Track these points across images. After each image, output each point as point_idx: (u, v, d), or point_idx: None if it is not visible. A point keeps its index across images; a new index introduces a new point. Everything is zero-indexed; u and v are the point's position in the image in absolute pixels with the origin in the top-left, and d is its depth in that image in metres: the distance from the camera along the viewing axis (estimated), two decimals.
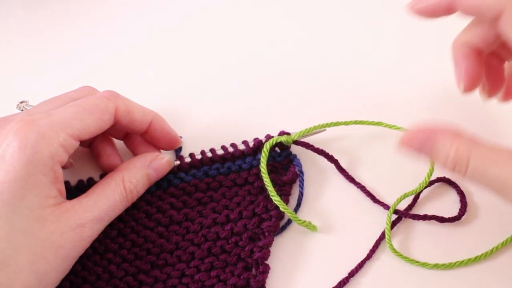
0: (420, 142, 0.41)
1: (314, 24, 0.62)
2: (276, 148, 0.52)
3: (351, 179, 0.51)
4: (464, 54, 0.46)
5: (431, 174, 0.49)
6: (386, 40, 0.60)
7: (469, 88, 0.46)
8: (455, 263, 0.47)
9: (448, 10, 0.44)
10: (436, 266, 0.47)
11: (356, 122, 0.53)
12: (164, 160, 0.49)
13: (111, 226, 0.47)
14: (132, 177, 0.46)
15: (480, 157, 0.39)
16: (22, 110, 0.50)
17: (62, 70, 0.59)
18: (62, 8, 0.64)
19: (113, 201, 0.45)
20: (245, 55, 0.60)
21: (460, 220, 0.49)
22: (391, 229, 0.49)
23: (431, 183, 0.51)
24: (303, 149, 0.51)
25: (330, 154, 0.51)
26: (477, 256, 0.47)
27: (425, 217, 0.49)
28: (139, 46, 0.61)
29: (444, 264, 0.47)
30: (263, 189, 0.50)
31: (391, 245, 0.48)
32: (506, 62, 0.49)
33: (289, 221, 0.50)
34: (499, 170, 0.38)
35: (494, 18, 0.42)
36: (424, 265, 0.47)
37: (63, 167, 0.43)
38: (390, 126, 0.53)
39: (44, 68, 0.60)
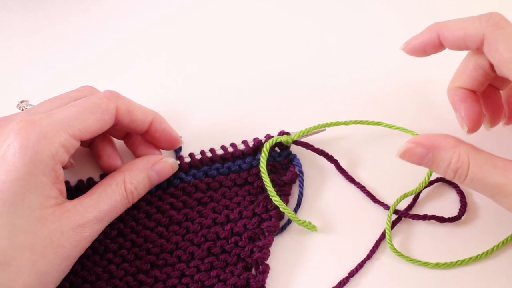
0: (421, 156, 0.43)
1: (315, 24, 0.62)
2: (276, 148, 0.52)
3: (351, 179, 0.51)
4: (460, 97, 0.49)
5: (430, 174, 0.50)
6: (386, 40, 0.61)
7: (472, 128, 0.49)
8: (456, 262, 0.47)
9: (436, 47, 0.48)
10: (437, 266, 0.47)
11: (356, 122, 0.53)
12: (167, 163, 0.49)
13: (111, 226, 0.47)
14: (134, 178, 0.46)
15: (479, 164, 0.41)
16: (23, 109, 0.50)
17: (62, 69, 0.59)
18: (62, 8, 0.64)
19: (113, 201, 0.45)
20: (245, 55, 0.60)
21: (460, 220, 0.49)
22: (391, 229, 0.49)
23: (431, 183, 0.51)
24: (303, 149, 0.52)
25: (330, 154, 0.51)
26: (478, 255, 0.47)
27: (425, 217, 0.49)
28: (139, 46, 0.61)
29: (445, 263, 0.47)
30: (263, 189, 0.50)
31: (392, 245, 0.48)
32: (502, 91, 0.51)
33: (289, 221, 0.50)
34: (496, 177, 0.41)
35: (479, 47, 0.45)
36: (426, 264, 0.47)
37: (64, 167, 0.43)
38: (390, 126, 0.53)
39: (44, 68, 0.59)
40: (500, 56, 0.43)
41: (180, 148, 0.53)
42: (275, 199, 0.48)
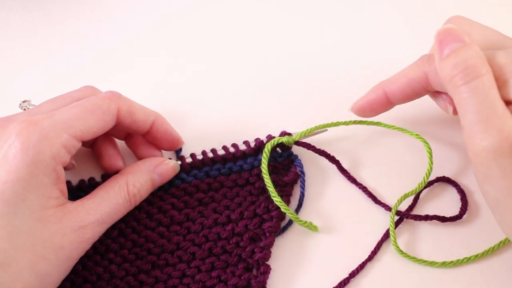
0: (456, 39, 0.42)
1: (316, 24, 0.63)
2: (278, 149, 0.52)
3: (353, 180, 0.51)
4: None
5: (429, 174, 0.50)
6: (387, 40, 0.61)
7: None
8: (463, 259, 0.47)
9: (384, 105, 0.49)
10: (444, 264, 0.47)
11: (355, 122, 0.53)
12: (169, 165, 0.49)
13: (112, 226, 0.46)
14: (137, 181, 0.47)
15: (491, 84, 0.40)
16: (25, 109, 0.50)
17: (62, 69, 0.59)
18: (62, 8, 0.64)
19: (116, 204, 0.45)
20: (246, 55, 0.60)
21: (461, 219, 0.49)
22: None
23: (431, 183, 0.51)
24: (305, 149, 0.51)
25: (332, 155, 0.51)
26: (484, 251, 0.47)
27: (427, 217, 0.49)
28: (140, 46, 0.61)
29: (452, 262, 0.47)
30: (264, 189, 0.50)
31: (398, 246, 0.48)
32: None
33: (290, 222, 0.50)
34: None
35: (425, 87, 0.46)
36: (432, 264, 0.47)
37: (65, 168, 0.43)
38: (389, 127, 0.53)
39: (44, 68, 0.59)
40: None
41: (180, 149, 0.53)
42: (277, 199, 0.48)
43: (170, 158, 0.51)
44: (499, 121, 0.39)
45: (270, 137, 0.51)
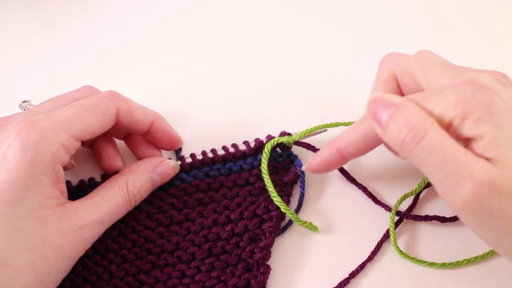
0: (387, 105, 0.40)
1: (316, 25, 0.63)
2: (277, 149, 0.52)
3: (352, 180, 0.51)
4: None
5: None
6: (387, 40, 0.61)
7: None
8: (463, 261, 0.47)
9: (337, 162, 0.47)
10: (443, 266, 0.47)
11: None
12: (169, 165, 0.49)
13: (112, 226, 0.46)
14: (136, 181, 0.47)
15: (441, 135, 0.38)
16: (25, 109, 0.50)
17: (62, 69, 0.59)
18: (62, 8, 0.64)
19: (115, 204, 0.45)
20: (246, 55, 0.60)
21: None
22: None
23: (430, 183, 0.51)
24: (304, 149, 0.51)
25: None
26: (484, 254, 0.47)
27: (427, 218, 0.49)
28: (139, 46, 0.61)
29: (451, 263, 0.47)
30: (264, 189, 0.50)
31: (397, 247, 0.48)
32: None
33: (290, 222, 0.50)
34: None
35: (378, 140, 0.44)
36: (432, 265, 0.47)
37: (65, 168, 0.43)
38: None
39: (44, 68, 0.60)
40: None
41: (180, 149, 0.53)
42: (276, 199, 0.48)
43: (170, 158, 0.51)
44: (466, 168, 0.37)
45: (270, 137, 0.51)
